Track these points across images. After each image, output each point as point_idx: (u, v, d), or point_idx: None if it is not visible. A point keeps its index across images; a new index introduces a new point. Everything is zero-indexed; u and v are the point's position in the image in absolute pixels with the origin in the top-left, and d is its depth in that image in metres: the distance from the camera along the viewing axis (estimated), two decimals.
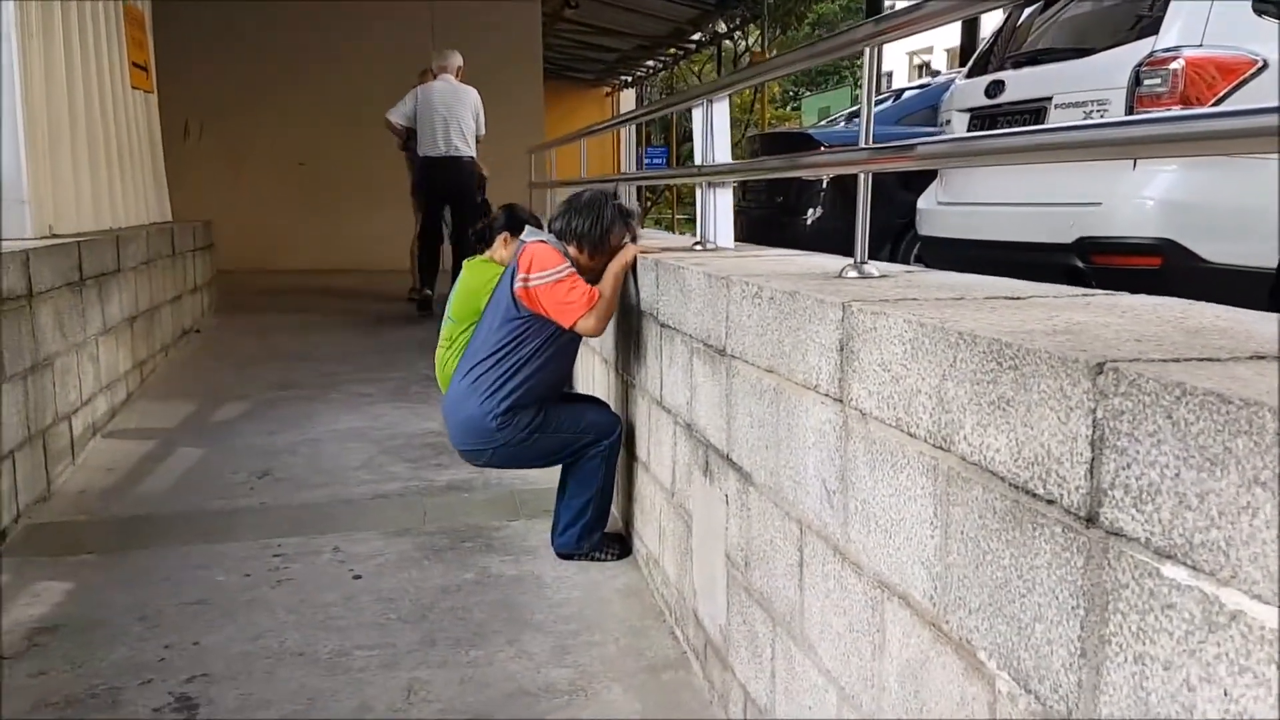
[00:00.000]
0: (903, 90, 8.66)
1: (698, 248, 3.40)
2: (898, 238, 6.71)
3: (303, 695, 2.58)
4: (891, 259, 6.04)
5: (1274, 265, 3.81)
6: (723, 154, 3.29)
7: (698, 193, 3.58)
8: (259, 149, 12.61)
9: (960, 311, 1.52)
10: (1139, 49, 4.11)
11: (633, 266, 3.30)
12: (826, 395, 1.75)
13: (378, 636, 2.90)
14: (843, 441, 1.69)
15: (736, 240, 3.48)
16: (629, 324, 3.43)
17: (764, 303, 2.04)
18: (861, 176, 2.16)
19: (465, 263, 4.62)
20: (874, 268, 2.17)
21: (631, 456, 3.49)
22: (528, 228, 3.50)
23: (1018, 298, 1.69)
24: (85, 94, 5.83)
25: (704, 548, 2.60)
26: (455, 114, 8.01)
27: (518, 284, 3.18)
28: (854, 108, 8.41)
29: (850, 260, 2.20)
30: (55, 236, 4.99)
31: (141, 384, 5.87)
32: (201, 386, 6.01)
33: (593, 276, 3.25)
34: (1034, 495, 1.17)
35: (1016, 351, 1.19)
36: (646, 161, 22.19)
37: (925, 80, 8.83)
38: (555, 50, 16.79)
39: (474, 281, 4.53)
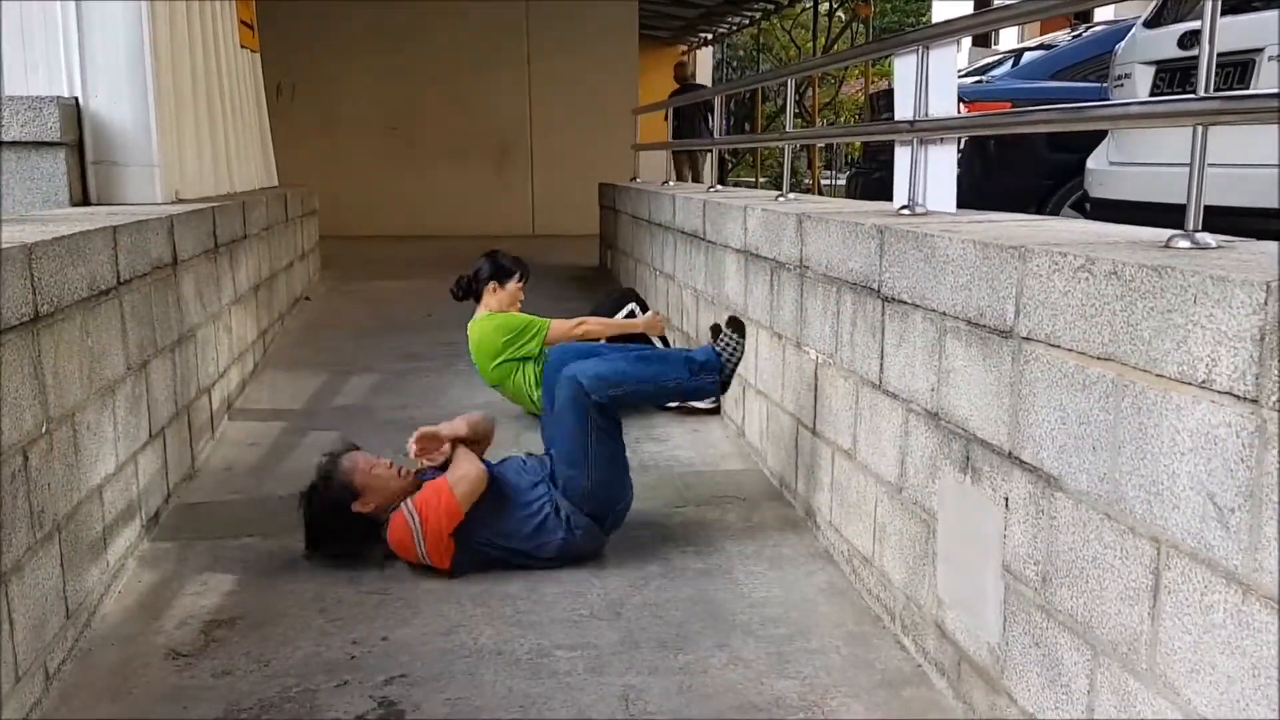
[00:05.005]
0: (1021, 50, 8.18)
1: (905, 212, 3.09)
2: (1043, 201, 6.31)
3: (513, 701, 2.36)
4: None
5: None
6: (942, 107, 2.96)
7: (898, 152, 3.26)
8: (350, 112, 12.48)
9: None
10: None
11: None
12: (1225, 393, 1.45)
13: (575, 635, 2.68)
14: (1255, 450, 1.40)
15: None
16: (817, 295, 3.14)
17: (1099, 278, 1.74)
18: (1197, 131, 1.84)
19: (469, 326, 4.68)
20: (1209, 238, 1.86)
21: (820, 439, 3.21)
22: None
23: None
24: (204, 53, 5.65)
25: (959, 554, 2.32)
26: None
27: (422, 559, 3.01)
28: (991, 60, 7.93)
29: (1178, 230, 1.90)
30: (182, 202, 4.82)
31: (265, 355, 5.72)
32: (324, 357, 5.85)
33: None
34: None
35: None
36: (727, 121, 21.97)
37: (1047, 39, 8.27)
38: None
39: (479, 343, 4.63)
